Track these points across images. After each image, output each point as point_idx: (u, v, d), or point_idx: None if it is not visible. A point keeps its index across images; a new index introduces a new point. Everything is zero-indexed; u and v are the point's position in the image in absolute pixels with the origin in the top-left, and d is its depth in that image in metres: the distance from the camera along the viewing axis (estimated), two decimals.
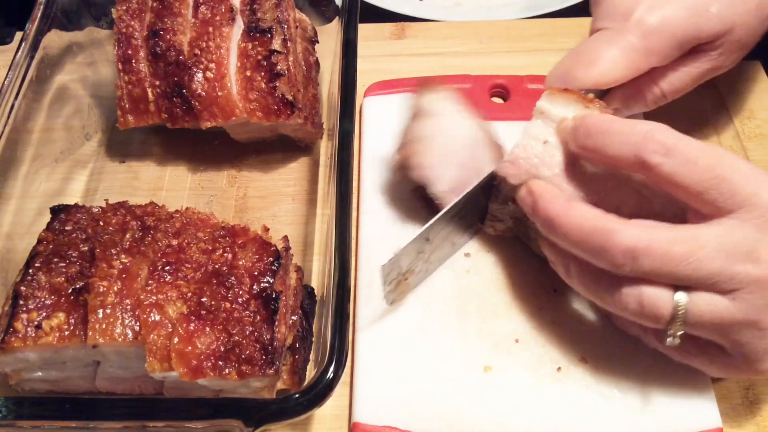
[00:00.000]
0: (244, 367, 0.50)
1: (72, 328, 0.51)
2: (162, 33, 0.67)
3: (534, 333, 0.61)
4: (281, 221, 0.70)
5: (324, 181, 0.71)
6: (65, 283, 0.53)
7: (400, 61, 0.81)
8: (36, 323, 0.51)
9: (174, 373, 0.50)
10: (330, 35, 0.73)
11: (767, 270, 0.48)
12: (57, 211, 0.59)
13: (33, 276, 0.53)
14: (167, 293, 0.52)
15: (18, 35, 0.83)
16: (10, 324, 0.51)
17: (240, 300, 0.52)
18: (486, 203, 0.63)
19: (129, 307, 0.52)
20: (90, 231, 0.57)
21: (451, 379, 0.59)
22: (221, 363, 0.50)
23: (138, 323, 0.51)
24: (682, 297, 0.49)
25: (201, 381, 0.50)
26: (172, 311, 0.51)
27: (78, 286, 0.52)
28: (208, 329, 0.51)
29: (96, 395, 0.57)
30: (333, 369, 0.48)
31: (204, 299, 0.52)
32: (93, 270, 0.53)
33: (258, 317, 0.52)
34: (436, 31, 0.85)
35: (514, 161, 0.58)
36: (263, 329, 0.51)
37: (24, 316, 0.51)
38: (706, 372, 0.56)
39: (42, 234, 0.57)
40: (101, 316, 0.51)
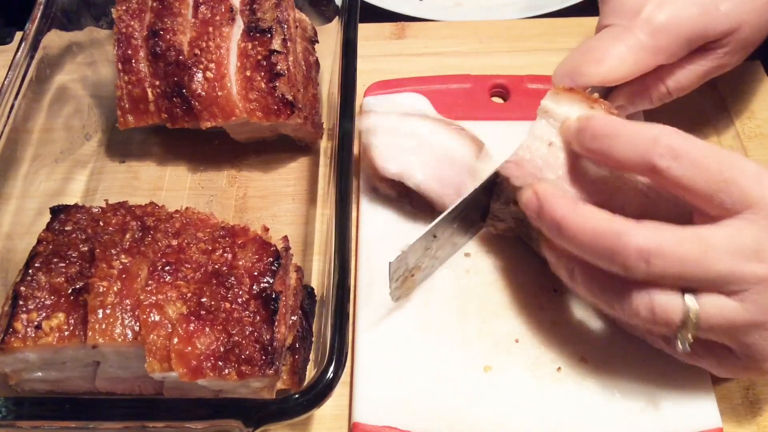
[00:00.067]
0: (243, 368, 0.50)
1: (72, 328, 0.51)
2: (162, 33, 0.67)
3: (534, 333, 0.61)
4: (281, 221, 0.70)
5: (324, 181, 0.71)
6: (65, 284, 0.53)
7: (400, 61, 0.81)
8: (36, 323, 0.51)
9: (174, 374, 0.50)
10: (330, 35, 0.73)
11: None
12: (57, 212, 0.59)
13: (33, 276, 0.53)
14: (167, 293, 0.52)
15: (18, 35, 0.83)
16: (9, 324, 0.51)
17: (240, 300, 0.52)
18: (488, 202, 0.63)
19: (129, 308, 0.52)
20: (90, 231, 0.57)
21: (451, 379, 0.59)
22: (221, 363, 0.50)
23: (138, 323, 0.51)
24: (692, 302, 0.48)
25: (201, 381, 0.50)
26: (171, 311, 0.51)
27: (78, 286, 0.52)
28: (207, 329, 0.51)
29: (96, 395, 0.57)
30: (333, 369, 0.48)
31: (204, 299, 0.52)
32: (93, 270, 0.53)
33: (258, 317, 0.51)
34: (436, 31, 0.85)
35: (518, 162, 0.58)
36: (263, 329, 0.51)
37: (24, 316, 0.51)
38: (712, 372, 0.56)
39: (42, 234, 0.57)
40: (101, 316, 0.51)
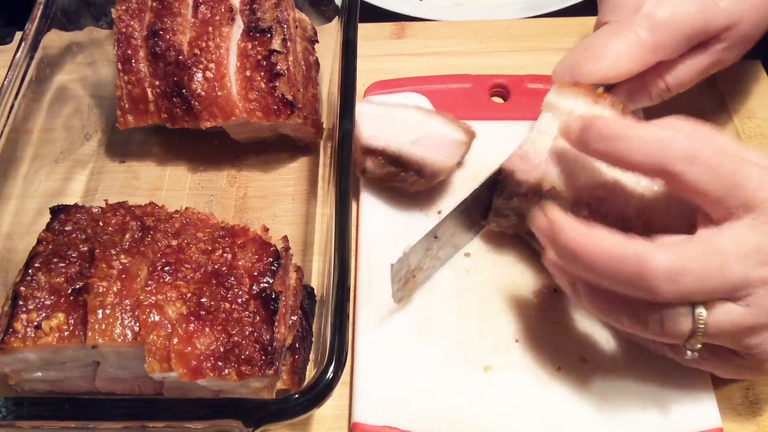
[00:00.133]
0: (243, 368, 0.50)
1: (71, 328, 0.51)
2: (162, 33, 0.67)
3: (534, 333, 0.61)
4: (281, 221, 0.70)
5: (324, 181, 0.71)
6: (65, 284, 0.53)
7: (399, 61, 0.81)
8: (36, 323, 0.51)
9: (173, 374, 0.50)
10: (330, 35, 0.73)
11: None
12: (57, 212, 0.59)
13: (33, 276, 0.53)
14: (167, 294, 0.52)
15: (18, 35, 0.83)
16: (9, 324, 0.51)
17: (239, 300, 0.52)
18: (490, 200, 0.63)
19: (128, 308, 0.51)
20: (90, 231, 0.57)
21: (451, 379, 0.59)
22: (221, 363, 0.50)
23: (137, 324, 0.51)
24: (701, 311, 0.48)
25: (200, 381, 0.50)
26: (171, 312, 0.51)
27: (77, 286, 0.52)
28: (207, 330, 0.50)
29: (96, 395, 0.57)
30: (333, 369, 0.48)
31: (203, 300, 0.52)
32: (92, 270, 0.53)
33: (257, 317, 0.51)
34: (435, 31, 0.85)
35: (523, 156, 0.58)
36: (263, 329, 0.51)
37: (23, 316, 0.51)
38: (716, 374, 0.56)
39: (42, 234, 0.57)
40: (101, 316, 0.51)
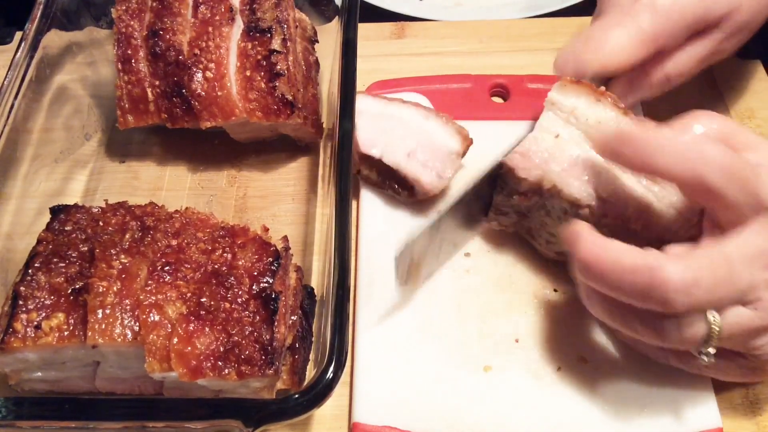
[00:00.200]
0: (243, 368, 0.50)
1: (71, 328, 0.51)
2: (161, 33, 0.67)
3: (534, 333, 0.61)
4: (281, 221, 0.70)
5: (324, 181, 0.71)
6: (65, 284, 0.53)
7: (399, 61, 0.81)
8: (35, 323, 0.51)
9: (173, 374, 0.50)
10: (330, 35, 0.73)
11: None
12: (57, 212, 0.59)
13: (33, 276, 0.53)
14: (167, 293, 0.52)
15: (18, 35, 0.83)
16: (9, 324, 0.51)
17: (239, 300, 0.52)
18: (490, 196, 0.62)
19: (128, 308, 0.51)
20: (90, 231, 0.57)
21: (451, 379, 0.59)
22: (221, 363, 0.50)
23: (137, 323, 0.51)
24: (714, 318, 0.48)
25: (200, 381, 0.50)
26: (171, 311, 0.51)
27: (77, 286, 0.52)
28: (207, 329, 0.50)
29: (96, 395, 0.57)
30: (333, 369, 0.48)
31: (203, 299, 0.52)
32: (92, 270, 0.53)
33: (257, 317, 0.51)
34: (435, 31, 0.85)
35: (524, 153, 0.58)
36: (263, 329, 0.51)
37: (23, 316, 0.51)
38: (722, 379, 0.56)
39: (41, 234, 0.57)
40: (101, 316, 0.51)
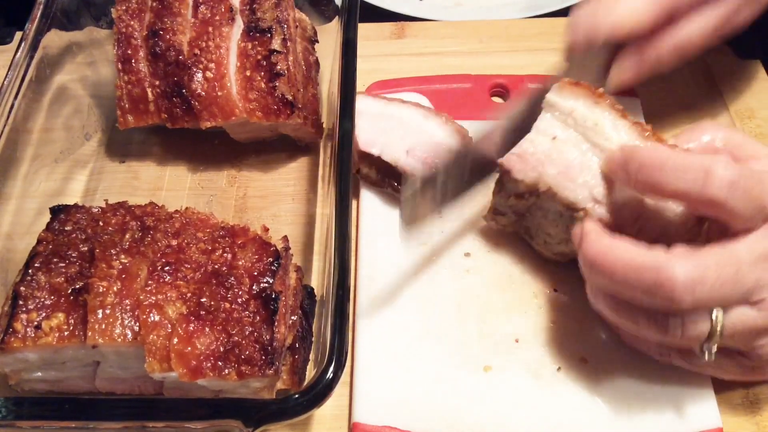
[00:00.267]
0: (243, 368, 0.50)
1: (71, 328, 0.51)
2: (162, 33, 0.67)
3: (534, 333, 0.61)
4: (281, 221, 0.70)
5: (324, 181, 0.71)
6: (65, 284, 0.53)
7: (399, 61, 0.81)
8: (35, 323, 0.51)
9: (173, 374, 0.50)
10: (330, 35, 0.73)
11: None
12: (57, 212, 0.59)
13: (33, 276, 0.53)
14: (167, 293, 0.52)
15: (18, 35, 0.83)
16: (9, 324, 0.51)
17: (239, 300, 0.52)
18: (529, 127, 0.60)
19: (128, 308, 0.51)
20: (90, 231, 0.57)
21: (451, 379, 0.59)
22: (221, 363, 0.50)
23: (137, 323, 0.51)
24: (719, 314, 0.48)
25: (200, 381, 0.50)
26: (171, 311, 0.51)
27: (77, 286, 0.52)
28: (207, 330, 0.50)
29: (96, 395, 0.57)
30: (333, 369, 0.48)
31: (203, 299, 0.52)
32: (92, 270, 0.53)
33: (257, 317, 0.51)
34: (435, 31, 0.85)
35: (521, 155, 0.58)
36: (263, 329, 0.51)
37: (23, 316, 0.51)
38: (723, 378, 0.56)
39: (41, 234, 0.57)
40: (101, 316, 0.51)
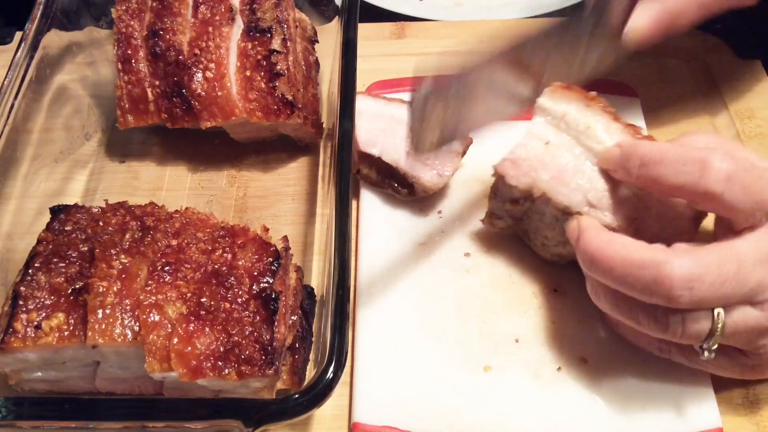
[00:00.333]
0: (243, 368, 0.50)
1: (71, 328, 0.51)
2: (162, 33, 0.67)
3: (534, 333, 0.61)
4: (281, 221, 0.70)
5: (324, 181, 0.71)
6: (65, 284, 0.53)
7: (400, 61, 0.81)
8: (36, 323, 0.51)
9: (173, 374, 0.50)
10: (330, 35, 0.73)
11: None
12: (57, 212, 0.59)
13: (33, 276, 0.53)
14: (167, 293, 0.52)
15: (18, 35, 0.83)
16: (9, 324, 0.51)
17: (239, 300, 0.52)
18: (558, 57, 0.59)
19: (128, 308, 0.51)
20: (90, 231, 0.57)
21: (451, 379, 0.59)
22: (221, 363, 0.50)
23: (137, 323, 0.51)
24: (720, 313, 0.49)
25: (200, 381, 0.50)
26: (171, 311, 0.51)
27: (77, 286, 0.52)
28: (207, 329, 0.50)
29: (96, 395, 0.57)
30: (333, 369, 0.48)
31: (203, 299, 0.52)
32: (92, 270, 0.53)
33: (257, 317, 0.51)
34: (435, 31, 0.85)
35: (515, 161, 0.58)
36: (263, 329, 0.51)
37: (24, 316, 0.51)
38: (721, 375, 0.56)
39: (41, 234, 0.57)
40: (101, 316, 0.51)
